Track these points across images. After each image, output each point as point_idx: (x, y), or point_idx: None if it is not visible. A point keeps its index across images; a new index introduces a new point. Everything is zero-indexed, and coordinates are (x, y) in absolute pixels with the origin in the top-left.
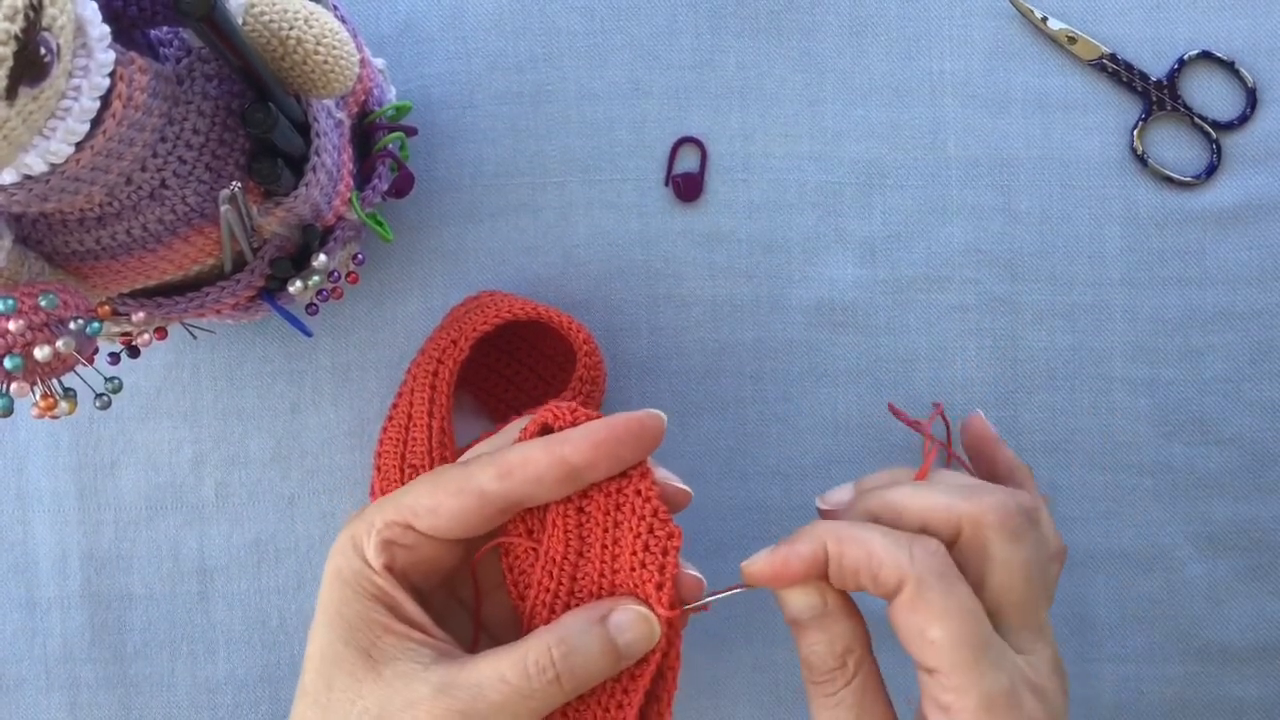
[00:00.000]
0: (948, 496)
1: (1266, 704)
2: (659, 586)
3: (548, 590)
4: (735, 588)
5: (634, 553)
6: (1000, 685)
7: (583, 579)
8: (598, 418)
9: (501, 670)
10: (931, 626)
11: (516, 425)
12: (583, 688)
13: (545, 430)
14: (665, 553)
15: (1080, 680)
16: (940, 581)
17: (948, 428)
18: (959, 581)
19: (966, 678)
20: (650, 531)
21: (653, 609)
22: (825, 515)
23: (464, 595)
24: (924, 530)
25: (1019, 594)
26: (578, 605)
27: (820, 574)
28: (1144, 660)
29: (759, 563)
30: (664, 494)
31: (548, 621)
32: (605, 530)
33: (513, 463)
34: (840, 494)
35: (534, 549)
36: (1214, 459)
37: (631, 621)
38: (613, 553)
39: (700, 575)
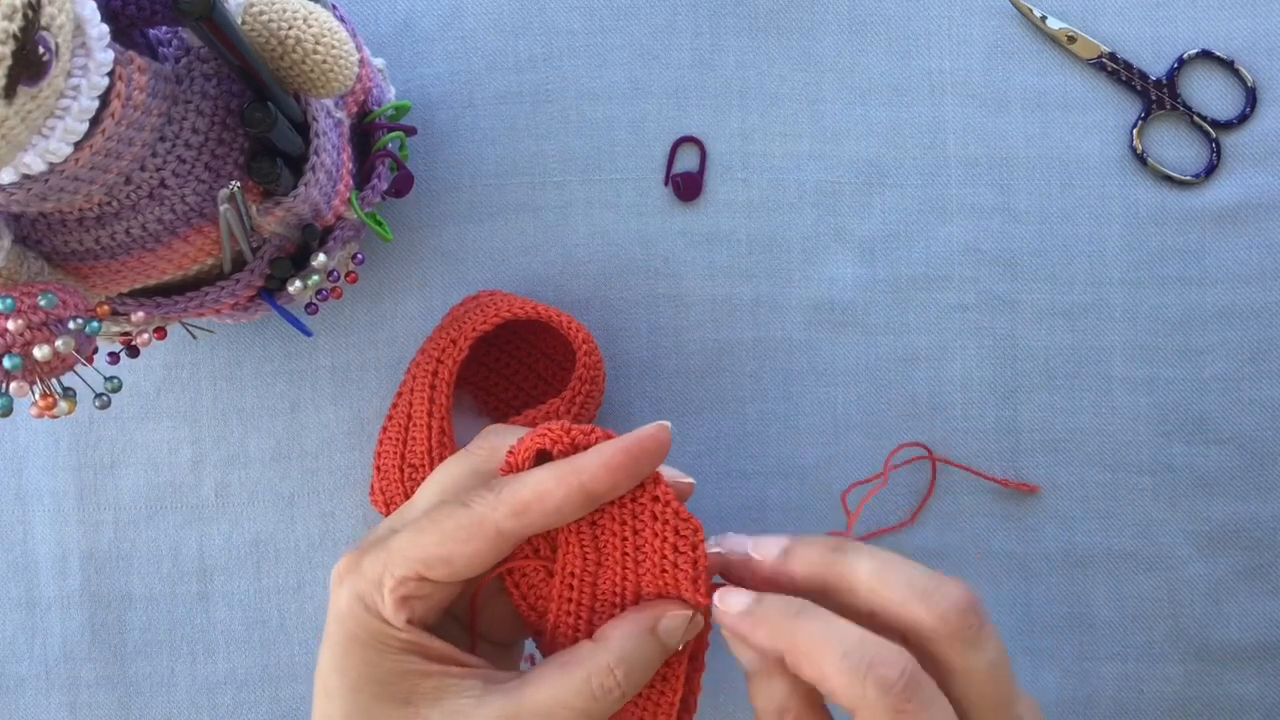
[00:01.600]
0: (903, 592)
1: (1266, 704)
2: (694, 580)
3: (570, 601)
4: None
5: (662, 555)
6: None
7: (604, 585)
8: (593, 433)
9: (565, 697)
10: None
11: (488, 438)
12: (637, 691)
13: (543, 454)
14: (695, 548)
15: (1080, 680)
16: (897, 716)
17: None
18: (923, 707)
19: None
20: (676, 533)
21: (695, 603)
22: (756, 570)
23: (458, 611)
24: (871, 618)
25: (989, 700)
26: (602, 608)
27: (775, 661)
28: (1144, 660)
29: (729, 615)
30: (675, 492)
31: (574, 629)
32: (624, 539)
33: (527, 499)
34: (770, 547)
35: (545, 568)
36: (1214, 459)
37: (680, 624)
38: (635, 559)
39: (716, 548)
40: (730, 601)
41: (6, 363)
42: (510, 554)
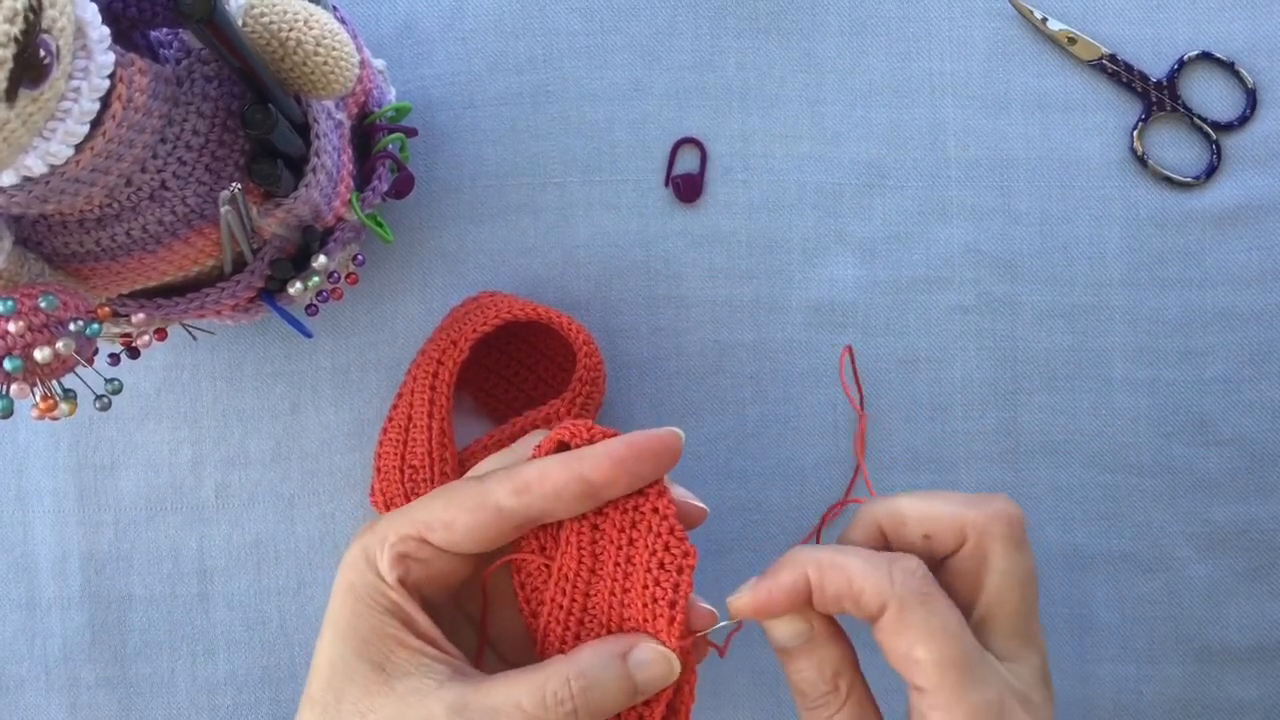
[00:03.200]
0: (952, 505)
1: (1266, 704)
2: (672, 607)
3: (561, 607)
4: (736, 627)
5: (648, 570)
6: (986, 700)
7: (595, 596)
8: (614, 435)
9: (518, 698)
10: (916, 647)
11: (530, 440)
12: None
13: (562, 447)
14: (680, 571)
15: (1080, 680)
16: (922, 603)
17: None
18: (941, 600)
19: (953, 695)
20: (666, 549)
21: (667, 641)
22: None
23: (471, 609)
24: (927, 538)
25: (1015, 603)
26: (591, 623)
27: (804, 602)
28: (1144, 660)
29: (744, 598)
30: (680, 512)
31: (562, 639)
32: (619, 548)
33: (530, 479)
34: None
35: (546, 566)
36: (1214, 460)
37: (652, 660)
38: (625, 570)
39: (713, 609)
40: (741, 590)
41: (7, 364)
42: (518, 546)
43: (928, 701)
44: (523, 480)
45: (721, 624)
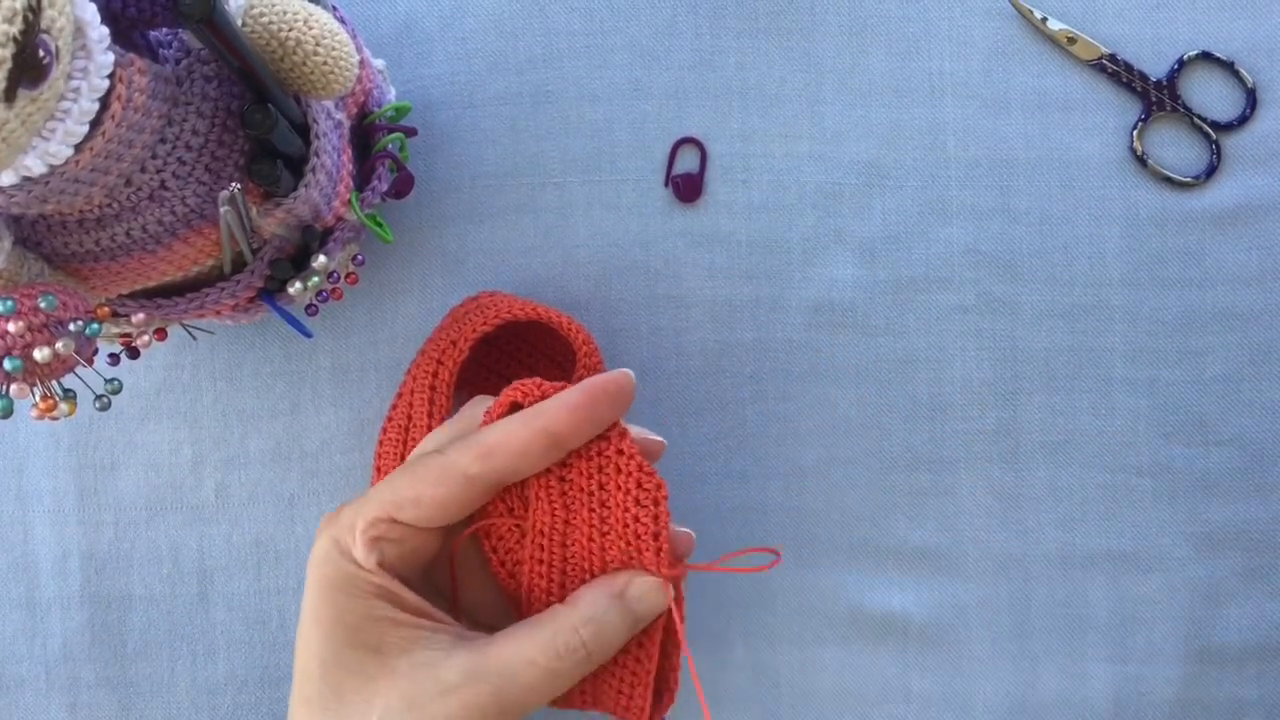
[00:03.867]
0: None
1: (1266, 704)
2: (656, 538)
3: (541, 562)
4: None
5: (625, 509)
6: None
7: (573, 545)
8: (563, 386)
9: (530, 654)
10: None
11: (473, 407)
12: (606, 658)
13: (515, 408)
14: (656, 503)
15: (1079, 680)
16: None
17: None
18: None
19: None
20: (639, 486)
21: (657, 570)
22: None
23: (440, 583)
24: None
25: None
26: (574, 571)
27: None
28: (1143, 662)
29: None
30: (642, 449)
31: (548, 592)
32: (590, 494)
33: (493, 443)
34: None
35: (518, 526)
36: (1213, 459)
37: (648, 590)
38: (600, 515)
39: (690, 531)
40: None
41: (7, 365)
42: (484, 512)
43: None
44: (486, 445)
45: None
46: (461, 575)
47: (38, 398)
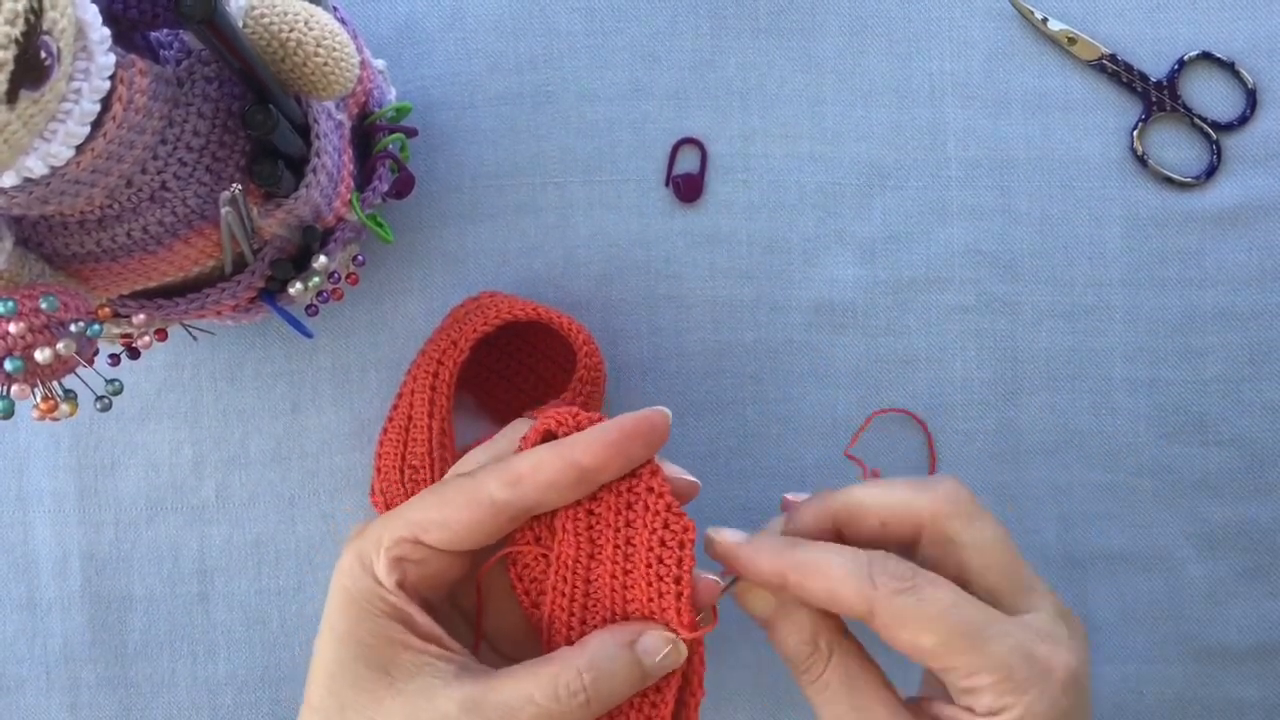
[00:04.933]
0: (902, 493)
1: (1267, 704)
2: (678, 583)
3: (563, 595)
4: (727, 587)
5: (650, 549)
6: (1011, 651)
7: (596, 581)
8: (599, 419)
9: (530, 692)
10: (920, 637)
11: (513, 430)
12: (610, 708)
13: (549, 437)
14: (682, 546)
15: None
16: (909, 596)
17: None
18: (928, 583)
19: (974, 660)
20: (665, 526)
21: (677, 630)
22: (786, 506)
23: (465, 607)
24: (884, 525)
25: (1001, 566)
26: (595, 607)
27: (779, 586)
28: (1144, 660)
29: (724, 544)
30: (674, 489)
31: (568, 625)
32: (617, 530)
33: (523, 470)
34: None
35: (544, 556)
36: (1214, 459)
37: (659, 645)
38: (625, 553)
39: (717, 577)
40: (726, 534)
41: (8, 365)
42: (513, 539)
43: (954, 676)
44: (515, 472)
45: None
46: (488, 601)
47: (39, 398)
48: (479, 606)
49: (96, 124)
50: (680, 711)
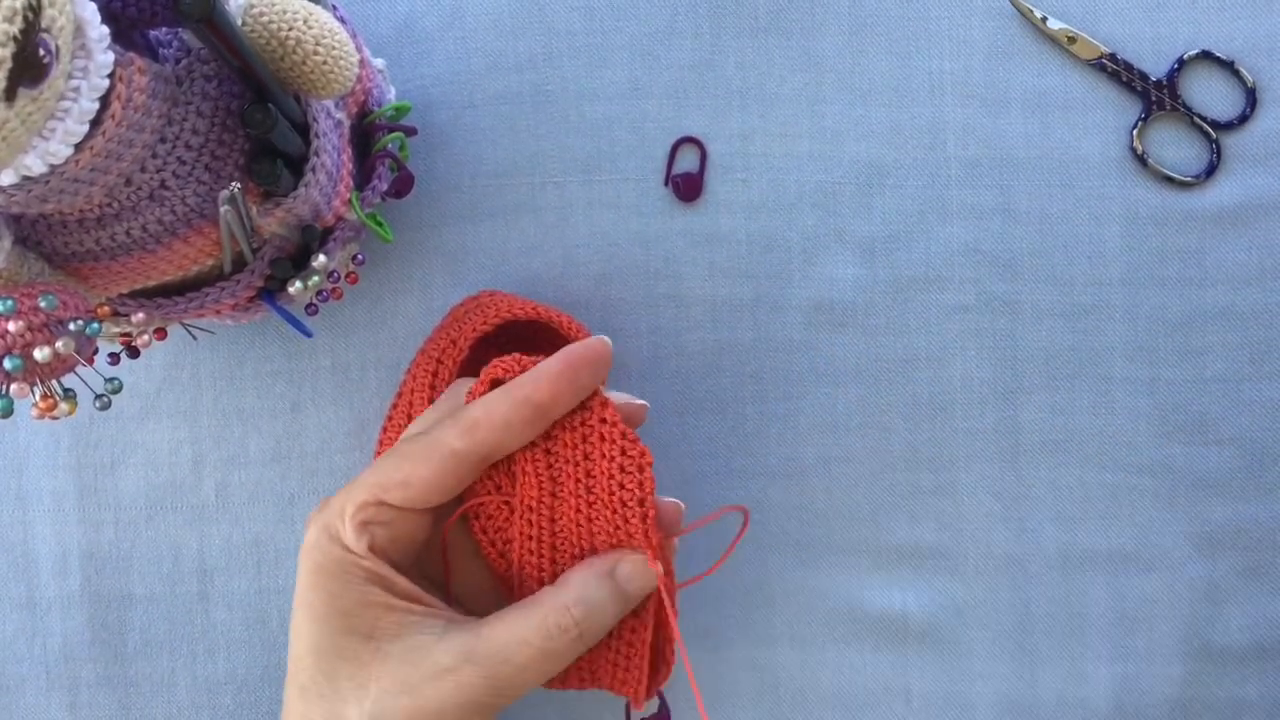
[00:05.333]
0: None
1: (1266, 704)
2: (641, 505)
3: (530, 538)
4: (712, 518)
5: (610, 476)
6: None
7: (561, 519)
8: (543, 359)
9: (523, 635)
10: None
11: (458, 388)
12: (599, 638)
13: (497, 384)
14: (641, 470)
15: (1079, 680)
16: None
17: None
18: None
19: None
20: (623, 454)
21: (644, 539)
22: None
23: (431, 571)
24: None
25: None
26: (564, 545)
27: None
28: (1144, 661)
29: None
30: (625, 415)
31: (539, 568)
32: (576, 465)
33: (476, 417)
34: None
35: (506, 503)
36: (1214, 459)
37: (638, 570)
38: (587, 485)
39: (678, 501)
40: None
41: (7, 364)
42: (473, 491)
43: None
44: (470, 419)
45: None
46: (453, 562)
47: (38, 397)
48: (445, 565)
49: (95, 122)
50: (659, 635)
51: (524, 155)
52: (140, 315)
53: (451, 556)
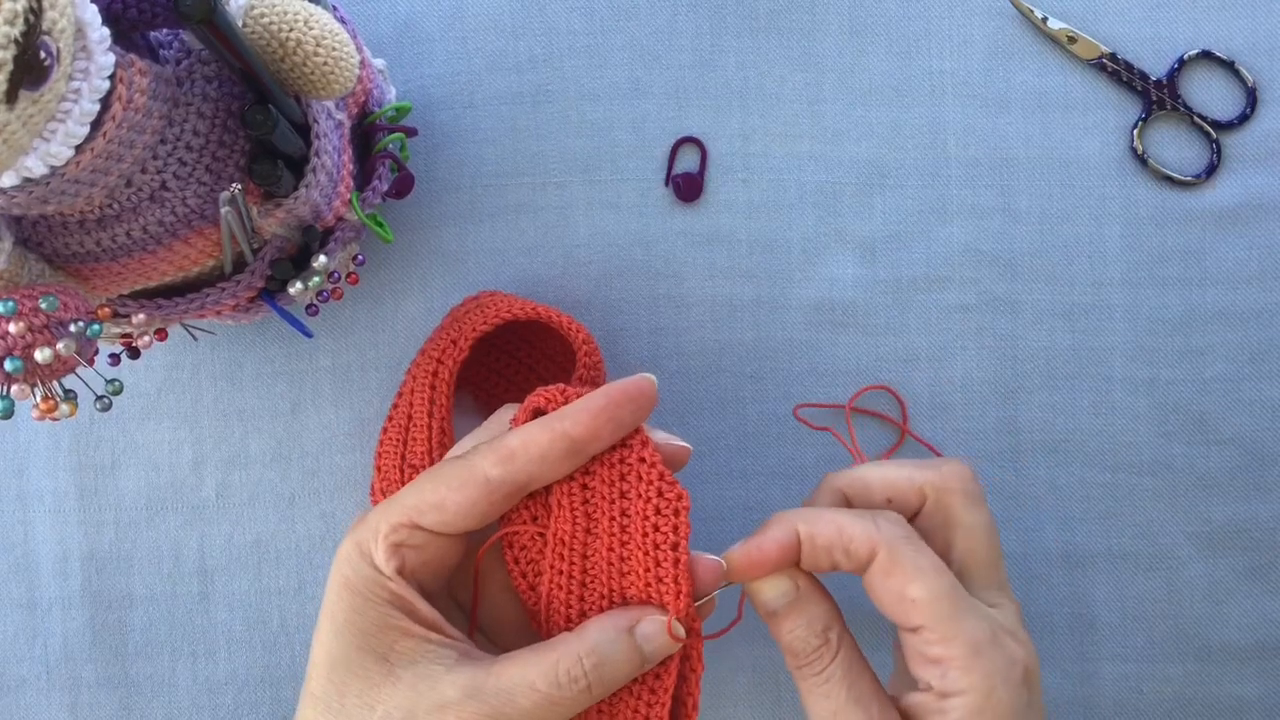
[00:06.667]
0: (909, 469)
1: (1267, 704)
2: (674, 549)
3: (560, 573)
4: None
5: (645, 517)
6: (983, 630)
7: (594, 557)
8: (587, 393)
9: (531, 678)
10: (910, 586)
11: (502, 414)
12: (609, 693)
13: (538, 413)
14: (676, 513)
15: (1080, 680)
16: (909, 544)
17: (903, 409)
18: (925, 544)
19: (950, 627)
20: (659, 495)
21: (673, 593)
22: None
23: (462, 598)
24: (890, 501)
25: (983, 554)
26: (593, 584)
27: (793, 559)
28: (1144, 660)
29: (736, 554)
30: (665, 456)
31: (566, 604)
32: (612, 502)
33: (514, 446)
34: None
35: (540, 534)
36: (1214, 459)
37: (658, 631)
38: (621, 524)
39: (720, 560)
40: (732, 549)
41: (8, 365)
42: (508, 520)
43: (924, 637)
44: (507, 449)
45: (717, 592)
46: (484, 591)
47: (38, 398)
48: (475, 592)
49: (96, 124)
50: (682, 687)
51: (524, 155)
52: (141, 316)
53: (483, 585)
